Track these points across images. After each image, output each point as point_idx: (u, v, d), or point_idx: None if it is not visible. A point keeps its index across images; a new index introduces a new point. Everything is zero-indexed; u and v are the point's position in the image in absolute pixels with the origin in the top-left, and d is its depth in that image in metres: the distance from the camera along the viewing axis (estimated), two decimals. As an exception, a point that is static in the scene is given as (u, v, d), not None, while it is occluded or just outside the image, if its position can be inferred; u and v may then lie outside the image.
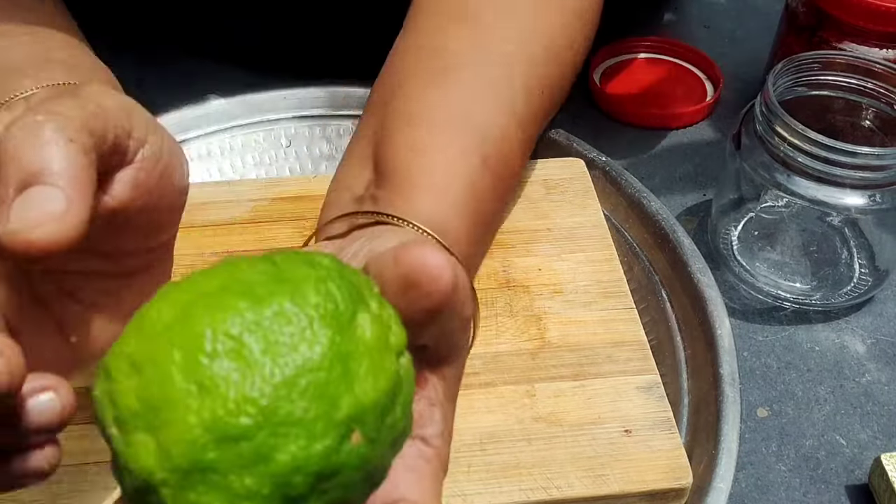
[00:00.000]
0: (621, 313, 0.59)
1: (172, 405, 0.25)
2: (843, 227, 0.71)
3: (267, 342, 0.26)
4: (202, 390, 0.25)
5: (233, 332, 0.26)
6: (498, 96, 0.54)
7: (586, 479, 0.50)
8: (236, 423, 0.25)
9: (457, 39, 0.57)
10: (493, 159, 0.52)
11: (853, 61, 0.67)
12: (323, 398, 0.26)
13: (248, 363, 0.26)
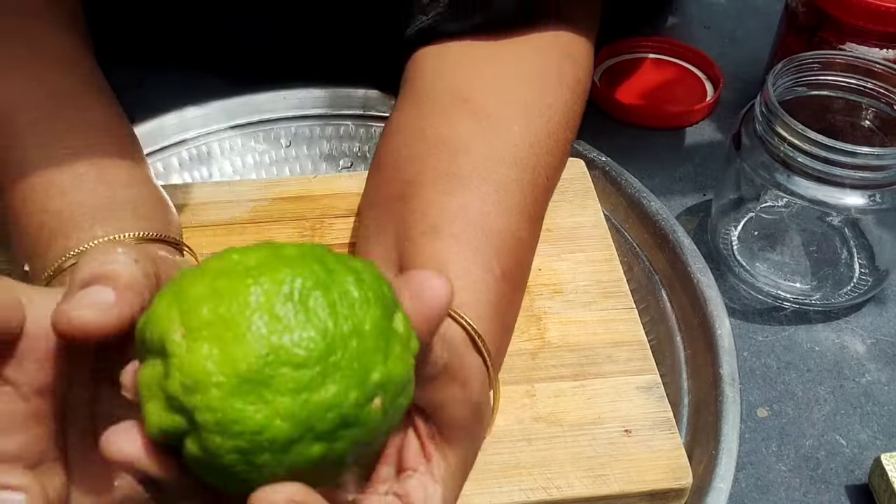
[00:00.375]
0: (621, 313, 0.59)
1: (245, 325, 0.29)
2: (843, 227, 0.71)
3: (331, 303, 0.30)
4: (273, 320, 0.30)
5: (307, 285, 0.30)
6: (511, 199, 0.55)
7: (586, 479, 0.50)
8: (299, 353, 0.29)
9: (462, 129, 0.57)
10: (511, 270, 0.53)
11: (853, 61, 0.67)
12: (364, 360, 0.31)
13: (313, 313, 0.30)
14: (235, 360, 0.29)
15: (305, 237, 0.63)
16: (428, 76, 0.62)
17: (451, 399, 0.39)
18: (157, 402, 0.30)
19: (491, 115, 0.58)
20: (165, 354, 0.30)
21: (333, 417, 0.30)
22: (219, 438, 0.29)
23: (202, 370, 0.29)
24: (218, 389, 0.29)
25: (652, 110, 0.84)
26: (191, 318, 0.30)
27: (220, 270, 0.31)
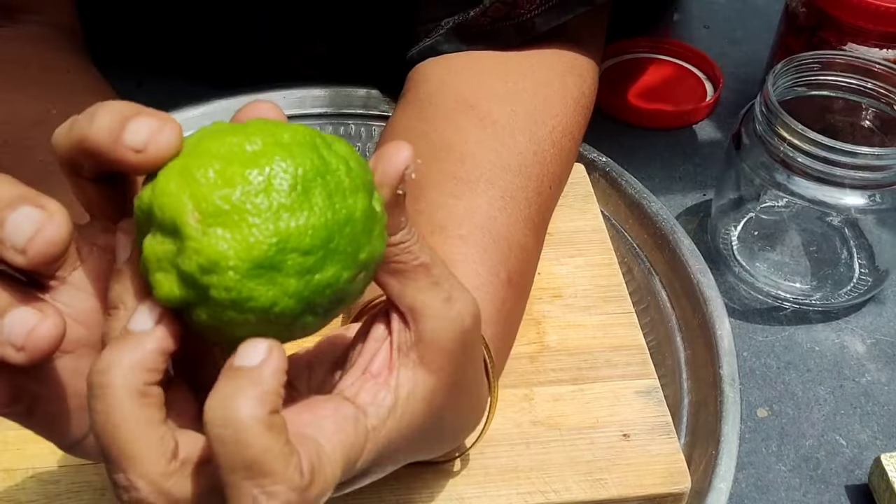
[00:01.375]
0: (620, 318, 0.59)
1: (258, 214, 0.32)
2: (843, 228, 0.71)
3: (329, 192, 0.34)
4: (281, 209, 0.33)
5: (308, 176, 0.33)
6: (517, 207, 0.55)
7: (584, 484, 0.50)
8: (306, 241, 0.33)
9: (468, 135, 0.58)
10: (516, 275, 0.53)
11: (853, 61, 0.67)
12: (355, 242, 0.34)
13: (315, 202, 0.33)
14: (250, 247, 0.32)
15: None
16: (432, 82, 0.63)
17: (433, 310, 0.38)
18: (167, 274, 0.33)
19: (496, 122, 0.58)
20: (180, 236, 0.32)
21: (330, 294, 0.34)
22: (232, 312, 0.33)
23: (219, 254, 0.32)
24: (234, 272, 0.32)
25: (652, 110, 0.84)
26: (204, 205, 0.32)
27: (224, 155, 0.33)
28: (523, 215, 0.56)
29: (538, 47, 0.63)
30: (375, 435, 0.38)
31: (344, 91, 0.78)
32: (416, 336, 0.39)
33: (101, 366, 0.33)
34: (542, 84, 0.61)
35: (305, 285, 0.33)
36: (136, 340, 0.33)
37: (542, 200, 0.58)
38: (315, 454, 0.35)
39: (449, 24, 0.64)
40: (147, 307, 0.34)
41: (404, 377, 0.39)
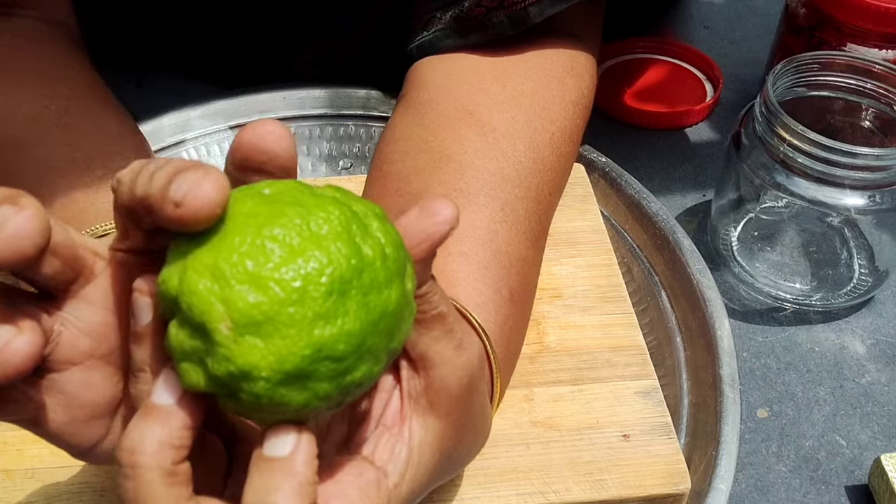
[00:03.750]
0: (620, 318, 0.59)
1: (292, 325, 0.32)
2: (843, 228, 0.71)
3: (365, 292, 0.33)
4: (317, 318, 0.32)
5: (345, 277, 0.32)
6: (517, 219, 0.55)
7: (584, 484, 0.50)
8: (339, 349, 0.32)
9: (468, 145, 0.57)
10: (518, 290, 0.53)
11: (853, 62, 0.67)
12: (388, 335, 0.34)
13: (351, 306, 0.33)
14: (283, 359, 0.32)
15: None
16: (431, 87, 0.62)
17: (444, 357, 0.39)
18: (194, 366, 0.33)
19: (496, 129, 0.58)
20: (209, 339, 0.32)
21: (357, 390, 0.34)
22: (261, 414, 0.33)
23: (251, 365, 0.32)
24: (266, 382, 0.32)
25: (652, 111, 0.84)
26: (237, 315, 0.32)
27: (256, 253, 0.32)
28: (523, 227, 0.55)
29: (535, 46, 0.63)
30: (397, 492, 0.39)
31: (343, 92, 0.78)
32: (425, 383, 0.39)
33: (130, 444, 0.33)
34: (542, 88, 0.61)
35: (337, 386, 0.33)
36: (163, 417, 0.34)
37: (542, 209, 0.58)
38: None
39: (447, 17, 0.64)
40: (170, 380, 0.34)
41: (416, 425, 0.39)
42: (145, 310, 0.35)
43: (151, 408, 0.34)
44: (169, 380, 0.34)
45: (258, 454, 0.34)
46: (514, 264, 0.53)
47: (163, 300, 0.33)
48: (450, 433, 0.40)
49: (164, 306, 0.33)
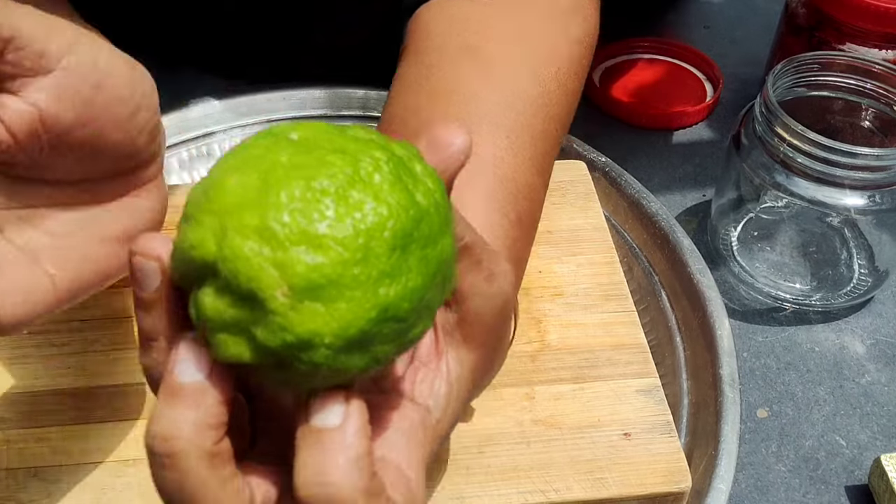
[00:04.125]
0: (621, 316, 0.59)
1: (357, 287, 0.29)
2: (843, 228, 0.71)
3: (423, 242, 0.31)
4: (382, 276, 0.30)
5: (406, 230, 0.30)
6: (522, 146, 0.55)
7: (585, 483, 0.50)
8: (403, 308, 0.30)
9: (472, 78, 0.57)
10: (524, 217, 0.52)
11: (853, 62, 0.67)
12: (442, 287, 0.33)
13: (412, 263, 0.31)
14: (347, 325, 0.29)
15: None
16: (434, 33, 0.62)
17: (476, 289, 0.38)
18: (235, 338, 0.30)
19: (500, 63, 0.58)
20: (261, 308, 0.29)
21: (411, 347, 0.33)
22: (316, 380, 0.31)
23: (312, 333, 0.29)
24: (327, 349, 0.30)
25: (651, 111, 0.84)
26: (296, 280, 0.29)
27: (306, 207, 0.29)
28: (529, 154, 0.55)
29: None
30: (440, 428, 0.38)
31: (343, 91, 0.78)
32: (459, 316, 0.38)
33: (162, 431, 0.31)
34: (547, 24, 0.61)
35: (397, 347, 0.32)
36: (195, 397, 0.31)
37: (548, 142, 0.57)
38: (406, 489, 0.34)
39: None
40: (194, 354, 0.31)
41: (452, 359, 0.39)
42: (153, 275, 0.32)
43: (179, 388, 0.31)
44: (194, 353, 0.31)
45: (306, 428, 0.31)
46: (520, 190, 0.53)
47: (188, 265, 0.30)
48: (483, 364, 0.40)
49: (187, 271, 0.31)
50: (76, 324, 0.58)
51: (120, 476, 0.50)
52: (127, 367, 0.55)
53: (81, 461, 0.51)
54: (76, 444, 0.52)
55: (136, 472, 0.50)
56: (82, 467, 0.51)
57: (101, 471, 0.50)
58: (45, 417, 0.53)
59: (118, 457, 0.51)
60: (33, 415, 0.53)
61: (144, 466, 0.50)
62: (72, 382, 0.54)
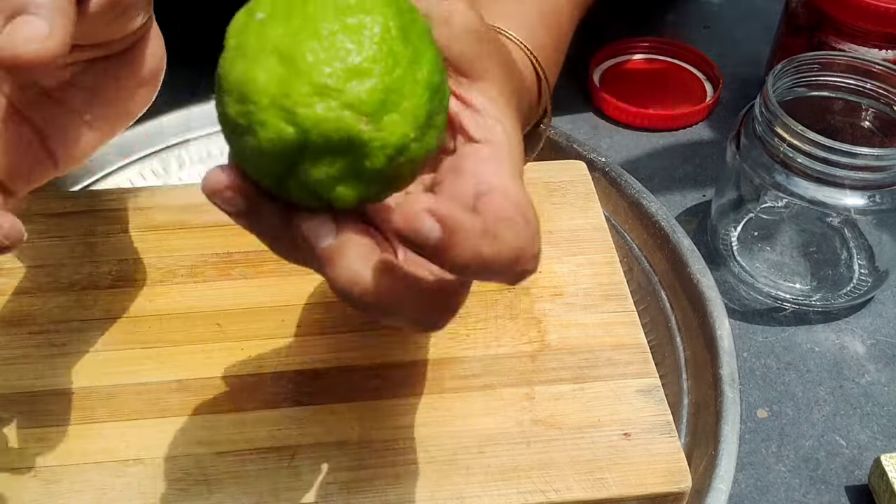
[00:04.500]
0: (622, 316, 0.59)
1: (403, 85, 0.35)
2: (843, 228, 0.71)
3: (416, 28, 0.36)
4: (411, 65, 0.35)
5: (404, 33, 0.35)
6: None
7: (585, 483, 0.50)
8: (436, 80, 0.36)
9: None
10: (560, 29, 0.56)
11: (853, 62, 0.67)
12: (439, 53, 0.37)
13: (418, 42, 0.36)
14: (416, 116, 0.35)
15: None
16: None
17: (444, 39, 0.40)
18: (346, 186, 0.35)
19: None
20: (356, 147, 0.34)
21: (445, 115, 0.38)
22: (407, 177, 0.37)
23: (401, 136, 0.35)
24: (415, 142, 0.35)
25: (651, 111, 0.84)
26: (364, 106, 0.34)
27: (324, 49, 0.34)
28: None
29: None
30: (510, 145, 0.40)
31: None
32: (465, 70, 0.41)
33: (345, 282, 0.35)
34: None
35: (446, 112, 0.37)
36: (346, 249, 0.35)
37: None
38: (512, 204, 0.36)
39: None
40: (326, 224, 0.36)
41: (474, 95, 0.41)
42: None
43: (328, 252, 0.36)
44: (324, 224, 0.36)
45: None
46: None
47: (273, 162, 0.35)
48: (502, 84, 0.42)
49: (272, 169, 0.35)
50: (76, 324, 0.58)
51: (120, 476, 0.50)
52: (127, 367, 0.55)
53: (81, 461, 0.51)
54: (76, 444, 0.52)
55: (136, 472, 0.50)
56: (82, 467, 0.51)
57: (102, 471, 0.50)
58: (45, 417, 0.53)
59: (118, 457, 0.51)
60: (33, 415, 0.53)
61: (145, 466, 0.51)
62: (72, 382, 0.54)
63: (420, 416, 0.53)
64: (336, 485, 0.50)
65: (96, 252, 0.62)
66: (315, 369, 0.55)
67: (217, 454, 0.51)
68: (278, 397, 0.54)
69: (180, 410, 0.53)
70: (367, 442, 0.52)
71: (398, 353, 0.56)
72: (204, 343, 0.57)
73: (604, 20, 0.66)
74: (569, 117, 0.85)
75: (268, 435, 0.52)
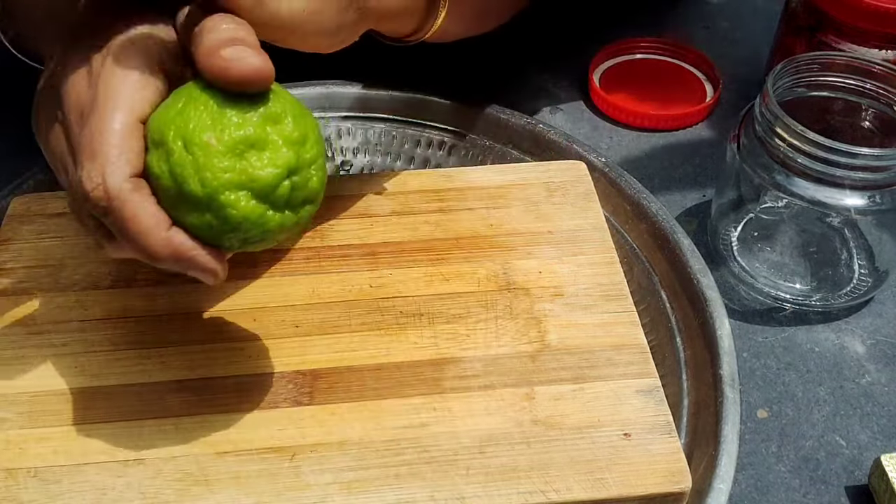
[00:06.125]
0: (622, 316, 0.59)
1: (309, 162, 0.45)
2: (843, 228, 0.71)
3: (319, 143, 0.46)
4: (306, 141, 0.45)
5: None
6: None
7: (585, 483, 0.50)
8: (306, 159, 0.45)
9: None
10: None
11: (852, 62, 0.67)
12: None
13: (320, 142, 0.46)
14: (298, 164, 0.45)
15: (306, 239, 0.63)
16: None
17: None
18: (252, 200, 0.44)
19: None
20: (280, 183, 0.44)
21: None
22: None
23: (285, 164, 0.44)
24: (296, 175, 0.44)
25: (651, 111, 0.84)
26: (289, 163, 0.44)
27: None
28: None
29: None
30: None
31: (344, 91, 0.78)
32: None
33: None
34: None
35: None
36: None
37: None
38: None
39: None
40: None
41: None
42: None
43: None
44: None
45: None
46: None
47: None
48: None
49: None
50: (76, 324, 0.58)
51: (121, 476, 0.50)
52: (128, 367, 0.55)
53: (82, 461, 0.51)
54: (76, 444, 0.52)
55: (136, 473, 0.50)
56: (83, 467, 0.51)
57: (102, 471, 0.50)
58: (45, 417, 0.53)
59: (119, 457, 0.51)
60: (33, 415, 0.53)
61: (146, 467, 0.51)
62: (72, 382, 0.55)
63: (420, 416, 0.53)
64: (336, 485, 0.50)
65: (96, 252, 0.62)
66: (315, 369, 0.55)
67: (217, 454, 0.51)
68: (278, 397, 0.54)
69: (180, 410, 0.53)
70: (367, 442, 0.52)
71: (398, 353, 0.56)
72: (204, 343, 0.57)
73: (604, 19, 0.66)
74: (569, 117, 0.85)
75: (268, 435, 0.52)
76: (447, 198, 0.67)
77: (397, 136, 0.77)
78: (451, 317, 0.59)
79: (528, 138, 0.74)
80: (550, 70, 0.90)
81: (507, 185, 0.68)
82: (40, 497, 0.49)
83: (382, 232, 0.64)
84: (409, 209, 0.66)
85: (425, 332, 0.58)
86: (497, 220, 0.65)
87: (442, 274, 0.61)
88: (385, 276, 0.61)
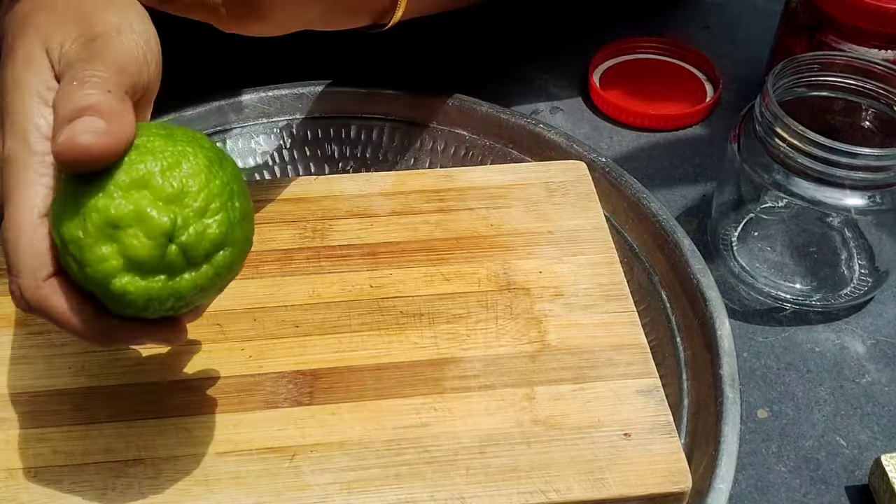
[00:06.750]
0: (622, 316, 0.59)
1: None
2: (843, 228, 0.71)
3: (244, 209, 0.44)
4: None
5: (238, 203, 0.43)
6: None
7: (585, 483, 0.50)
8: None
9: None
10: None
11: (853, 62, 0.67)
12: None
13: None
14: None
15: (306, 239, 0.63)
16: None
17: None
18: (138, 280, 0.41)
19: None
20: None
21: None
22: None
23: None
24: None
25: (651, 111, 0.84)
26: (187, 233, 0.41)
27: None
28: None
29: None
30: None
31: (343, 92, 0.78)
32: None
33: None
34: None
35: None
36: None
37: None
38: None
39: None
40: None
41: None
42: None
43: None
44: None
45: None
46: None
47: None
48: None
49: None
50: (76, 324, 0.58)
51: (121, 476, 0.50)
52: (127, 367, 0.55)
53: (82, 461, 0.51)
54: (76, 444, 0.52)
55: (137, 473, 0.50)
56: (83, 468, 0.51)
57: (102, 471, 0.50)
58: (45, 417, 0.53)
59: (119, 457, 0.51)
60: (33, 415, 0.53)
61: (146, 467, 0.51)
62: (72, 382, 0.55)
63: (420, 416, 0.53)
64: (336, 485, 0.50)
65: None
66: (315, 369, 0.55)
67: (217, 454, 0.51)
68: (278, 397, 0.54)
69: (180, 410, 0.53)
70: (368, 442, 0.52)
71: (398, 353, 0.56)
72: (204, 343, 0.57)
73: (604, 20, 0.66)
74: (569, 117, 0.85)
75: (268, 435, 0.52)
76: (447, 198, 0.67)
77: (397, 136, 0.77)
78: (451, 317, 0.59)
79: (528, 138, 0.74)
80: (550, 70, 0.90)
81: (508, 185, 0.68)
82: (40, 497, 0.49)
83: (382, 232, 0.64)
84: (409, 209, 0.66)
85: (425, 332, 0.58)
86: (497, 220, 0.65)
87: (442, 274, 0.61)
88: (385, 276, 0.61)
